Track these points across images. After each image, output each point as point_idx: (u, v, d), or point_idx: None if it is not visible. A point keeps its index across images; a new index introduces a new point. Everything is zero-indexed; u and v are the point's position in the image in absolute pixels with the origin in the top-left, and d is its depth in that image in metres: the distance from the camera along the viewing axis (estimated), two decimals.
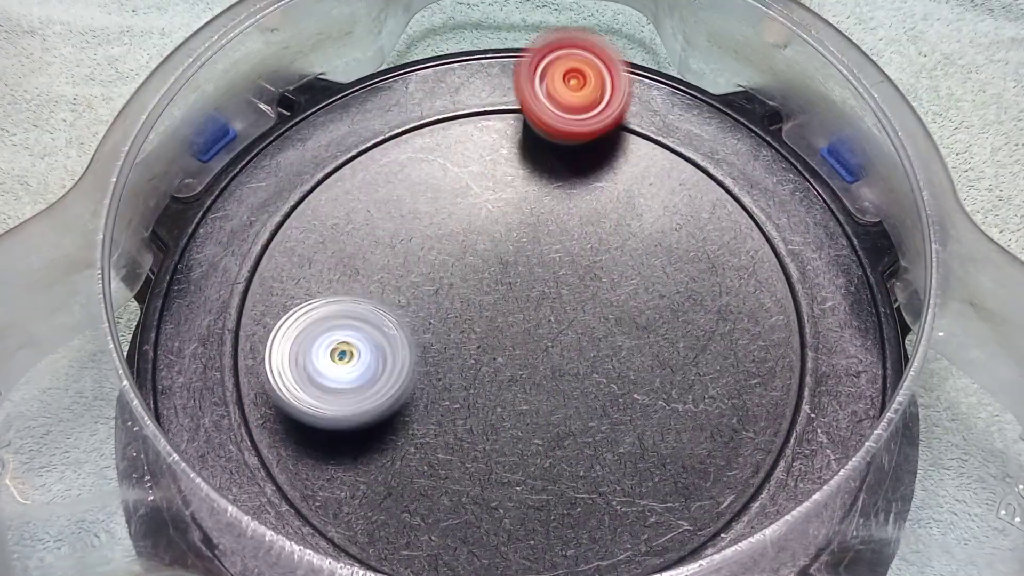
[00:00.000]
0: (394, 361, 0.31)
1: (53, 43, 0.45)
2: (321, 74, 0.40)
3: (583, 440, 0.32)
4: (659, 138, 0.38)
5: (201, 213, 0.36)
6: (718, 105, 0.39)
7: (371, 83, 0.40)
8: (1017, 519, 0.32)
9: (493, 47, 0.41)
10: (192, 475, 0.27)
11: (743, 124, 0.39)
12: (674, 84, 0.40)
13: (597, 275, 0.35)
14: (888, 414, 0.28)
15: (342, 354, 0.31)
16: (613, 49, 0.37)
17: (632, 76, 0.38)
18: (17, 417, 0.36)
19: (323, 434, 0.32)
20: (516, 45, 0.42)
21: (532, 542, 0.31)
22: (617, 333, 0.34)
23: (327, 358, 0.31)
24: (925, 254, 0.32)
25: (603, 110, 0.36)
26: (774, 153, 0.38)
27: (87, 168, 0.33)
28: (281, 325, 0.31)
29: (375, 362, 0.31)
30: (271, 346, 0.31)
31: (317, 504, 0.31)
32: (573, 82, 0.36)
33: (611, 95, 0.36)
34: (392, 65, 0.41)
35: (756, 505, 0.31)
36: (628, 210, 0.37)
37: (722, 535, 0.31)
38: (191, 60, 0.35)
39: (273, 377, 0.31)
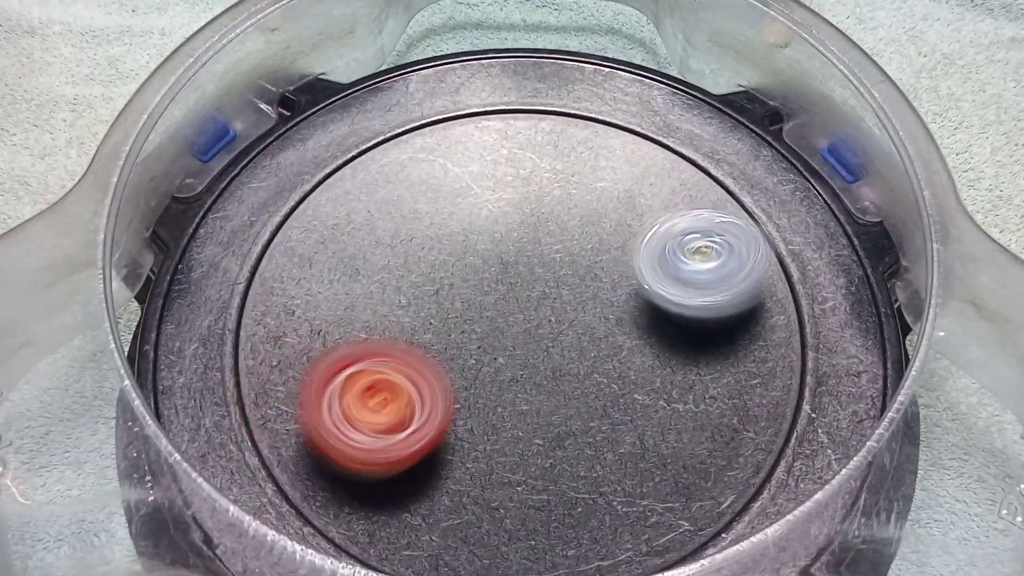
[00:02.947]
0: (749, 258, 0.33)
1: (53, 43, 0.45)
2: (321, 74, 0.40)
3: (584, 440, 0.32)
4: (659, 138, 0.38)
5: (202, 213, 0.37)
6: (719, 105, 0.39)
7: (371, 83, 0.40)
8: (1018, 519, 0.32)
9: (493, 47, 0.41)
10: (193, 475, 0.27)
11: (744, 124, 0.39)
12: (675, 84, 0.40)
13: (597, 275, 0.35)
14: (890, 414, 0.28)
15: (702, 254, 0.34)
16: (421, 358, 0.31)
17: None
18: (17, 417, 0.36)
19: None
20: (516, 45, 0.42)
21: (533, 542, 0.31)
22: (617, 333, 0.34)
23: (690, 256, 0.34)
24: (926, 254, 0.32)
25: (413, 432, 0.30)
26: (774, 153, 0.38)
27: (88, 168, 0.33)
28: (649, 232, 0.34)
29: (731, 260, 0.34)
30: (642, 248, 0.34)
31: (318, 504, 0.31)
32: (376, 400, 0.30)
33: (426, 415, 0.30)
34: (392, 65, 0.41)
35: (757, 505, 0.31)
36: (628, 210, 0.37)
37: (723, 535, 0.31)
38: (191, 60, 0.35)
39: (644, 275, 0.34)
